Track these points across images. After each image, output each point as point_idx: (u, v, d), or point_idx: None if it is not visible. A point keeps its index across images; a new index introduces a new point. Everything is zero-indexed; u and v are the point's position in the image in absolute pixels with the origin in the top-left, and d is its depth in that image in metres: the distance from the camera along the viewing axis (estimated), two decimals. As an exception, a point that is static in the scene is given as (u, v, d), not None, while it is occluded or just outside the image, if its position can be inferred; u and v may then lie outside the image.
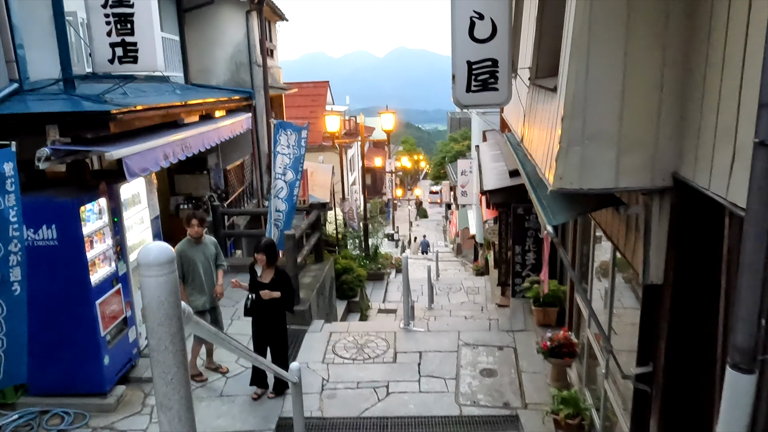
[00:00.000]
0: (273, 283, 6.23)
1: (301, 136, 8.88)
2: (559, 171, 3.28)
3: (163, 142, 7.10)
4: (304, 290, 9.19)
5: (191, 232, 6.68)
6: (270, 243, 6.30)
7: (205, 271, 6.75)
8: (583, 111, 3.20)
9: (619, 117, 3.19)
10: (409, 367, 7.36)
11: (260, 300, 6.22)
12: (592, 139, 3.23)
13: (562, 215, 3.65)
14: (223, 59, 13.43)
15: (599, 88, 3.18)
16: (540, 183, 4.62)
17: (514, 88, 5.36)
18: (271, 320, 6.41)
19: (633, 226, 3.72)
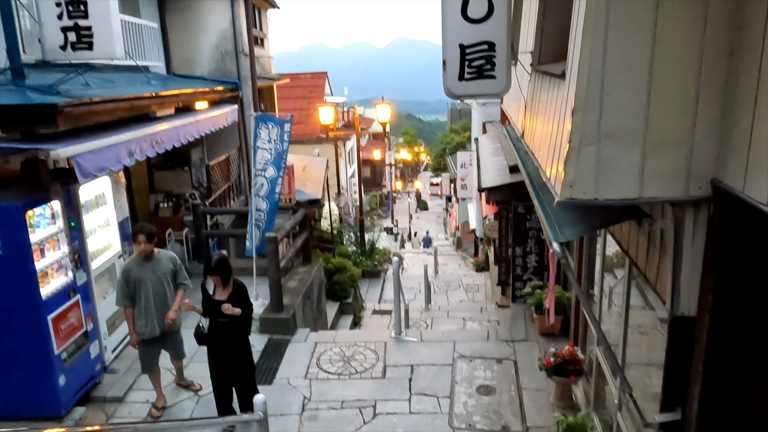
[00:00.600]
0: (232, 298, 5.33)
1: (284, 130, 8.20)
2: (568, 177, 2.61)
3: (127, 138, 6.43)
4: (289, 295, 8.55)
5: (137, 249, 5.76)
6: (221, 260, 5.30)
7: (156, 292, 5.80)
8: (599, 101, 2.54)
9: (645, 108, 2.53)
10: (399, 383, 6.72)
11: (217, 324, 5.37)
12: (610, 137, 2.57)
13: (572, 230, 2.99)
14: (208, 48, 12.72)
15: (620, 71, 2.51)
16: (544, 186, 3.96)
17: (513, 75, 4.68)
18: (232, 346, 5.47)
19: (658, 243, 3.06)
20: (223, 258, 5.33)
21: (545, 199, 3.71)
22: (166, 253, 6.05)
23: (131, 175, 10.50)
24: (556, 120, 3.11)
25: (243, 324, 5.46)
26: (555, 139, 3.08)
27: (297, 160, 17.64)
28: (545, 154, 3.39)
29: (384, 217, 43.89)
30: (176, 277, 6.01)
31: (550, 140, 3.24)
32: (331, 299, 12.17)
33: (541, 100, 3.93)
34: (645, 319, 3.77)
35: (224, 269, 5.29)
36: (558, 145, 2.95)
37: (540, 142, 3.76)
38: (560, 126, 2.96)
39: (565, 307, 7.55)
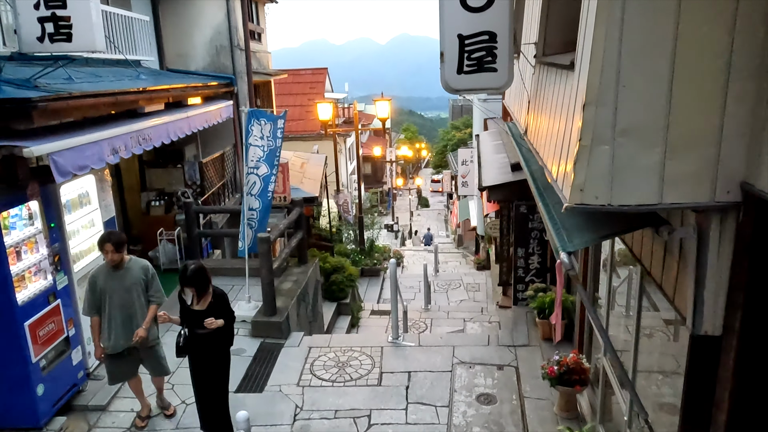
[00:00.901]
0: (212, 309, 4.95)
1: (277, 126, 7.90)
2: (579, 179, 2.31)
3: (110, 135, 6.13)
4: (283, 298, 8.26)
5: (106, 259, 5.30)
6: (197, 270, 4.86)
7: (124, 305, 5.32)
8: (614, 94, 2.24)
9: (666, 102, 2.23)
10: (395, 391, 6.43)
11: (196, 335, 5.03)
12: (626, 135, 2.27)
13: (581, 238, 2.69)
14: (202, 43, 12.40)
15: (638, 60, 2.21)
16: (550, 187, 3.66)
17: (516, 68, 4.38)
18: (211, 358, 5.13)
19: (676, 252, 2.76)
20: (199, 268, 4.91)
21: (551, 201, 3.41)
22: (138, 261, 5.52)
23: (122, 173, 10.23)
24: (564, 116, 2.81)
25: (224, 335, 5.11)
26: (563, 137, 2.78)
27: (295, 157, 17.35)
28: (551, 153, 3.09)
29: (385, 214, 43.60)
30: (147, 289, 5.46)
31: (557, 138, 2.93)
32: (328, 300, 11.89)
33: (547, 94, 3.62)
34: (660, 333, 3.47)
35: (200, 280, 4.88)
36: (566, 144, 2.65)
37: (545, 140, 3.45)
38: (569, 122, 2.65)
39: (569, 312, 7.25)
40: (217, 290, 5.10)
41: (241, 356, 7.21)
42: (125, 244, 5.35)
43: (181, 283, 4.92)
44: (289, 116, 30.51)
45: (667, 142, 2.25)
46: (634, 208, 2.33)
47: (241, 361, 7.10)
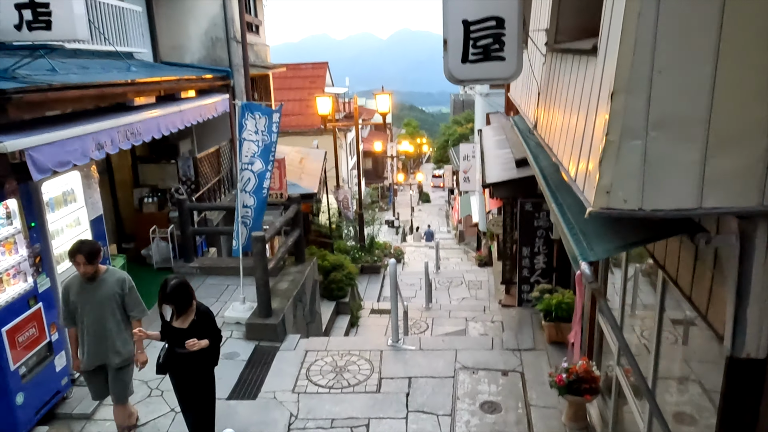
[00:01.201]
0: (195, 328, 4.54)
1: (272, 120, 7.58)
2: (605, 180, 2.00)
3: (95, 129, 5.82)
4: (279, 298, 7.96)
5: (78, 271, 4.83)
6: (178, 286, 4.44)
7: (96, 320, 4.85)
8: (647, 81, 1.91)
9: (710, 90, 1.90)
10: (395, 398, 6.13)
11: (176, 353, 4.61)
12: (661, 128, 1.95)
13: (603, 245, 2.38)
14: (198, 34, 12.06)
15: (677, 41, 1.89)
16: (562, 185, 3.34)
17: (525, 57, 4.06)
18: (193, 379, 4.77)
19: (710, 261, 2.45)
20: (180, 284, 4.47)
21: (565, 202, 3.09)
22: (114, 273, 5.04)
23: (113, 169, 9.92)
24: (585, 107, 2.49)
25: (208, 355, 4.70)
26: (583, 132, 2.46)
27: (294, 152, 17.02)
28: (568, 150, 2.77)
29: (386, 210, 43.31)
30: (123, 302, 4.97)
31: (575, 133, 2.62)
32: (327, 298, 11.60)
33: (561, 84, 3.30)
34: (686, 350, 3.15)
35: (181, 297, 4.46)
36: (587, 139, 2.34)
37: (560, 135, 3.13)
38: (591, 115, 2.34)
39: (577, 314, 6.94)
40: (202, 307, 4.68)
41: (235, 360, 6.91)
42: (99, 255, 4.85)
43: (160, 299, 4.49)
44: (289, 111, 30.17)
45: (708, 136, 1.94)
46: (670, 213, 2.01)
47: (235, 365, 6.81)
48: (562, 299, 6.94)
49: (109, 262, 7.06)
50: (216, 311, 8.14)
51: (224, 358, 6.94)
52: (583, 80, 2.63)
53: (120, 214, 10.06)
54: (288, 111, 29.67)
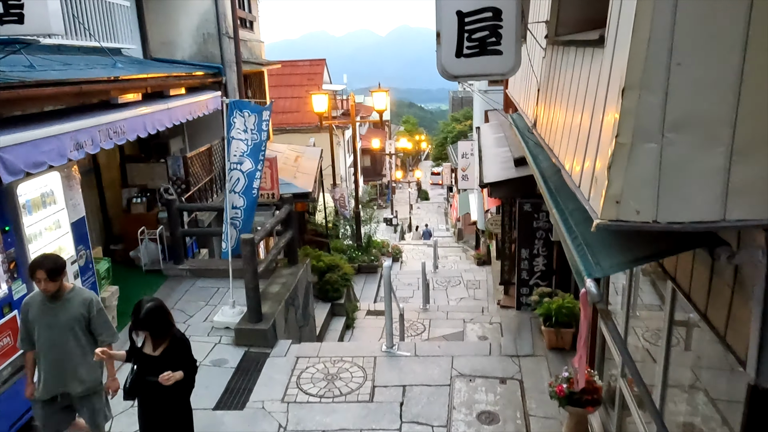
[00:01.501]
0: (167, 356, 4.02)
1: (262, 118, 7.32)
2: (614, 188, 1.74)
3: (74, 128, 5.55)
4: (270, 302, 7.70)
5: (39, 288, 4.27)
6: (153, 310, 3.92)
7: (56, 344, 4.31)
8: (665, 75, 1.66)
9: (736, 85, 1.65)
10: (388, 408, 5.89)
11: (146, 380, 4.05)
12: (680, 130, 1.69)
13: (611, 259, 2.12)
14: (189, 30, 11.78)
15: (700, 28, 1.63)
16: (564, 188, 3.09)
17: (524, 51, 3.79)
18: (165, 410, 4.19)
19: (729, 276, 2.19)
20: (156, 307, 3.95)
21: (566, 207, 2.84)
22: (81, 293, 4.46)
23: (101, 168, 9.65)
24: (590, 105, 2.23)
25: (182, 387, 4.18)
26: (588, 132, 2.21)
27: (289, 150, 16.76)
28: (571, 152, 2.51)
29: (384, 207, 43.06)
30: (90, 326, 4.42)
31: (580, 133, 2.36)
32: (322, 300, 11.36)
33: (563, 79, 3.04)
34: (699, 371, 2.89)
35: (157, 322, 3.95)
36: (593, 141, 2.08)
37: (561, 135, 2.88)
38: (597, 113, 2.08)
39: (578, 319, 6.70)
40: (178, 334, 4.17)
41: (223, 368, 6.66)
42: (63, 271, 4.32)
43: (132, 323, 3.99)
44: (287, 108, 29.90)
45: (734, 138, 1.68)
46: (688, 227, 1.76)
47: (223, 373, 6.55)
48: (563, 303, 6.70)
49: (93, 265, 6.82)
50: (205, 315, 7.90)
51: (212, 365, 6.72)
52: (588, 75, 2.37)
53: (108, 215, 9.79)
54: (285, 108, 29.43)
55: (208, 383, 6.33)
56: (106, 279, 7.40)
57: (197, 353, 6.87)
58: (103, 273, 7.30)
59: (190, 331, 7.44)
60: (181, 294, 8.55)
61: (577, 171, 2.34)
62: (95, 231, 9.53)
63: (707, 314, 2.41)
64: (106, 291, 7.18)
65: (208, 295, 8.52)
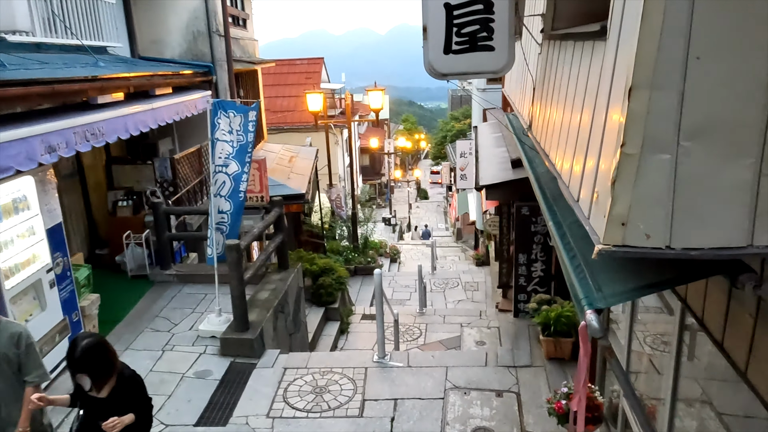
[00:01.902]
0: (116, 398, 3.52)
1: (248, 119, 7.02)
2: (620, 207, 1.45)
3: (44, 130, 5.24)
4: (257, 310, 7.41)
5: None
6: (92, 348, 3.38)
7: None
8: (680, 71, 1.36)
9: (766, 83, 1.35)
10: (378, 424, 5.59)
11: (95, 426, 3.47)
12: (698, 137, 1.40)
13: (615, 287, 1.83)
14: (178, 28, 11.47)
15: (723, 15, 1.33)
16: (561, 195, 2.80)
17: (518, 48, 3.50)
18: None
19: (751, 304, 1.90)
20: (94, 345, 3.40)
21: (564, 220, 2.54)
22: (9, 326, 3.89)
23: (85, 171, 9.36)
24: (590, 107, 1.94)
25: (138, 427, 3.63)
26: (587, 139, 1.91)
27: (284, 150, 16.48)
28: (568, 160, 2.22)
29: (383, 207, 42.77)
30: (21, 367, 3.86)
31: (578, 139, 2.07)
32: (315, 304, 11.08)
33: (560, 78, 2.75)
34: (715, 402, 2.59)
35: (95, 362, 3.40)
36: (594, 149, 1.79)
37: (558, 140, 2.58)
38: (599, 117, 1.79)
39: (577, 328, 6.41)
40: (126, 371, 3.64)
41: (207, 380, 6.37)
42: None
43: (68, 365, 3.44)
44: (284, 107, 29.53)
45: (765, 148, 1.39)
46: (707, 254, 1.47)
47: (206, 386, 6.27)
48: (562, 312, 6.41)
49: (71, 273, 6.53)
50: (191, 323, 7.61)
51: (195, 377, 6.43)
52: (588, 73, 2.08)
53: (93, 219, 9.50)
54: (282, 107, 29.14)
55: (190, 397, 6.06)
56: (87, 287, 7.11)
57: (181, 364, 6.68)
58: (83, 281, 7.01)
59: (174, 340, 7.15)
60: (167, 301, 8.26)
61: (575, 183, 2.05)
62: (79, 236, 9.25)
63: (724, 345, 2.12)
64: (85, 299, 6.89)
65: (195, 302, 8.23)
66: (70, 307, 6.41)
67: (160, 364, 6.63)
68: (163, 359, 6.73)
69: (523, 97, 4.43)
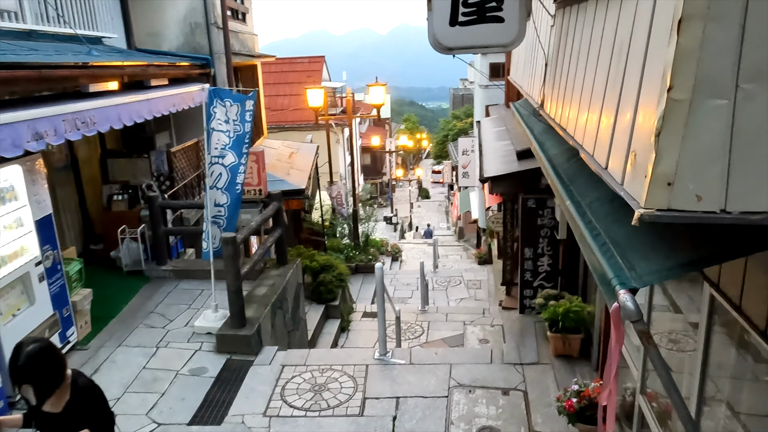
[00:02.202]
0: (72, 412, 3.10)
1: (245, 108, 6.80)
2: (665, 164, 1.22)
3: (30, 116, 5.01)
4: (255, 306, 7.18)
5: None
6: (37, 354, 2.94)
7: None
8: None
9: None
10: (380, 423, 5.37)
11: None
12: (762, 79, 1.16)
13: (651, 264, 1.60)
14: (176, 20, 11.25)
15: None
16: (579, 176, 2.58)
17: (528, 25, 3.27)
18: None
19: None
20: (39, 351, 2.96)
21: (583, 199, 2.31)
22: None
23: (79, 164, 9.13)
24: (621, 61, 1.71)
25: None
26: (619, 94, 1.68)
27: (284, 146, 16.25)
28: (592, 125, 1.99)
29: (384, 206, 42.58)
30: None
31: (605, 99, 1.84)
32: (315, 302, 10.85)
33: (579, 43, 2.52)
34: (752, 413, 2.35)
35: (42, 372, 2.97)
36: (628, 102, 1.56)
37: (578, 109, 2.35)
38: (634, 68, 1.56)
39: (587, 324, 6.19)
40: (81, 381, 3.20)
41: (202, 377, 6.15)
42: None
43: (10, 374, 3.01)
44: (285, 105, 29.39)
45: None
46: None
47: (201, 383, 6.04)
48: (570, 307, 6.18)
49: (61, 266, 6.31)
50: (187, 319, 7.39)
51: (190, 375, 6.21)
52: (616, 26, 1.85)
53: (88, 213, 9.28)
54: (283, 105, 28.95)
55: (184, 395, 5.83)
56: (78, 281, 6.89)
57: (175, 361, 6.45)
58: (74, 275, 6.78)
59: (169, 336, 6.93)
60: (162, 296, 8.03)
61: (602, 150, 1.82)
62: (74, 231, 9.03)
63: (766, 333, 1.88)
64: (77, 294, 6.67)
65: (191, 298, 8.00)
66: (60, 302, 6.19)
67: (153, 361, 6.40)
68: (157, 356, 6.51)
69: (533, 76, 4.20)
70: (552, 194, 6.87)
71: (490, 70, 24.19)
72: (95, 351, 6.53)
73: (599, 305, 5.85)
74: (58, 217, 8.56)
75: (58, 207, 8.63)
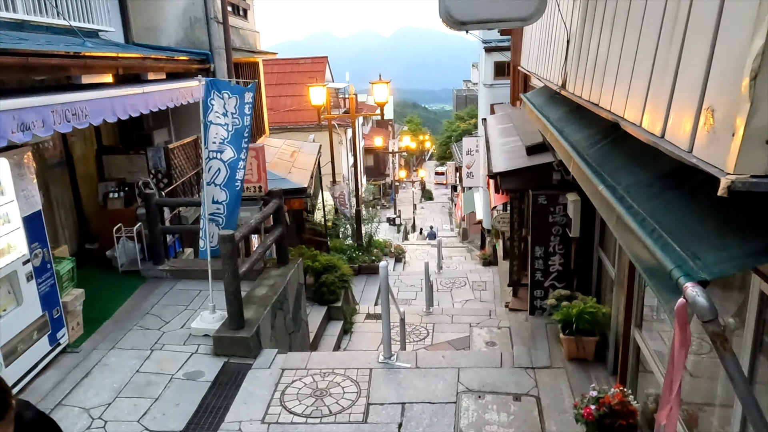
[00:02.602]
0: None
1: (245, 101, 6.53)
2: (761, 118, 0.90)
3: (16, 105, 4.72)
4: (254, 307, 6.90)
5: None
6: None
7: None
8: None
9: None
10: (385, 430, 5.07)
11: None
12: None
13: (722, 254, 1.31)
14: (175, 14, 11.01)
15: None
16: (606, 160, 2.29)
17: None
18: None
19: None
20: None
21: (618, 184, 2.02)
22: None
23: (74, 161, 8.87)
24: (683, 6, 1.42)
25: None
26: (681, 44, 1.39)
27: (285, 145, 16.00)
28: (640, 89, 1.70)
29: (387, 207, 42.32)
30: None
31: (656, 53, 1.54)
32: (318, 303, 10.57)
33: (616, 3, 2.22)
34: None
35: None
36: (697, 51, 1.27)
37: (617, 74, 2.06)
38: (700, 7, 1.27)
39: (602, 326, 5.89)
40: (28, 415, 2.53)
41: (198, 382, 5.86)
42: None
43: None
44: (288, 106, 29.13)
45: None
46: None
47: (197, 388, 5.76)
48: (584, 308, 5.88)
49: (51, 265, 6.04)
50: (183, 321, 7.11)
51: (186, 379, 5.93)
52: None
53: (83, 211, 9.02)
54: (286, 106, 28.73)
55: (179, 400, 5.55)
56: (70, 281, 6.61)
57: (170, 364, 6.15)
58: (66, 274, 6.51)
59: (164, 338, 6.65)
60: (158, 297, 7.76)
61: (656, 115, 1.54)
62: (68, 229, 8.77)
63: None
64: (68, 294, 6.40)
65: (189, 299, 7.73)
66: (50, 303, 5.93)
67: (147, 365, 6.12)
68: (151, 359, 6.22)
69: (550, 60, 3.91)
70: (564, 190, 6.57)
71: (495, 69, 23.95)
72: (87, 354, 6.25)
73: (616, 306, 5.55)
74: (51, 215, 8.33)
75: (51, 205, 8.39)
